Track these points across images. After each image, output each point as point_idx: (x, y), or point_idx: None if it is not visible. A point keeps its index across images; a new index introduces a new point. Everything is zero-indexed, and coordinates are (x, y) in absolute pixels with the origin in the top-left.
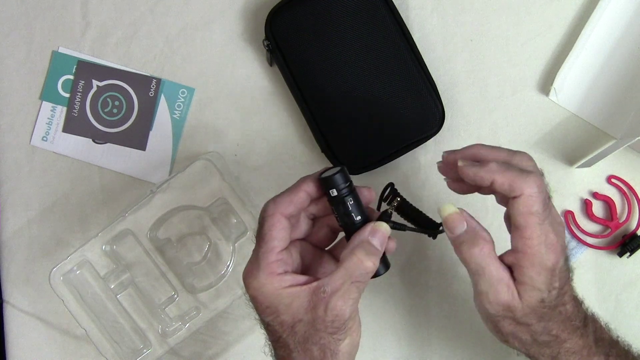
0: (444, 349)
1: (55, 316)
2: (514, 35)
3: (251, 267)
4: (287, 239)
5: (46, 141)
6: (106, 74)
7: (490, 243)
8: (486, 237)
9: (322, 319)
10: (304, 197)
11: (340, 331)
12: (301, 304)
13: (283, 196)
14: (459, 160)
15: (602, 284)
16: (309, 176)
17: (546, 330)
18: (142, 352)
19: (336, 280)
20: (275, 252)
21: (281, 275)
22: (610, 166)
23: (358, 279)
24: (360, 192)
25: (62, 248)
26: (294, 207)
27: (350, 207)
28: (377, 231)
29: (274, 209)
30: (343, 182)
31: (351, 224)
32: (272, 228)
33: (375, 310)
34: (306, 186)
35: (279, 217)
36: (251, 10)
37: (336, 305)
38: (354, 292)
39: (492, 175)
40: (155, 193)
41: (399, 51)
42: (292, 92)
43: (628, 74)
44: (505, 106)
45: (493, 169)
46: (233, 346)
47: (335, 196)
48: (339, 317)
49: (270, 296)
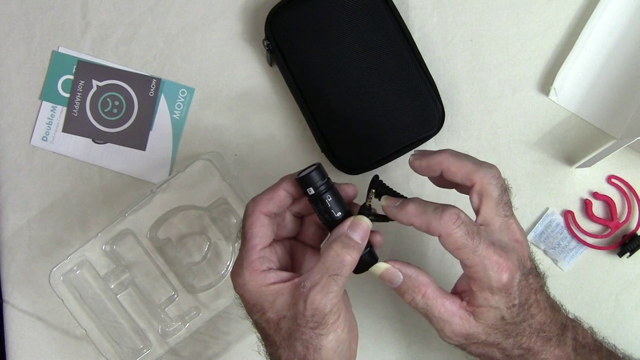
0: (444, 349)
1: (55, 316)
2: (514, 35)
3: (236, 266)
4: (268, 236)
5: (46, 141)
6: (106, 74)
7: (430, 284)
8: (423, 280)
9: (302, 314)
10: (283, 195)
11: (322, 326)
12: (285, 300)
13: (262, 195)
14: (382, 199)
15: (602, 284)
16: (289, 175)
17: (516, 344)
18: (142, 352)
19: (315, 274)
20: (256, 250)
21: (264, 272)
22: (610, 166)
23: (335, 272)
24: (342, 189)
25: (62, 248)
26: (274, 204)
27: (329, 204)
28: (356, 225)
29: (253, 207)
30: (320, 179)
31: (332, 220)
32: (252, 226)
33: (375, 311)
34: (285, 185)
35: (258, 215)
36: (251, 10)
37: (314, 299)
38: (332, 285)
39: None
40: (155, 193)
41: (399, 51)
42: (292, 92)
43: (628, 74)
44: (505, 106)
45: (410, 212)
46: (233, 346)
47: (313, 194)
48: (318, 311)
49: (255, 293)
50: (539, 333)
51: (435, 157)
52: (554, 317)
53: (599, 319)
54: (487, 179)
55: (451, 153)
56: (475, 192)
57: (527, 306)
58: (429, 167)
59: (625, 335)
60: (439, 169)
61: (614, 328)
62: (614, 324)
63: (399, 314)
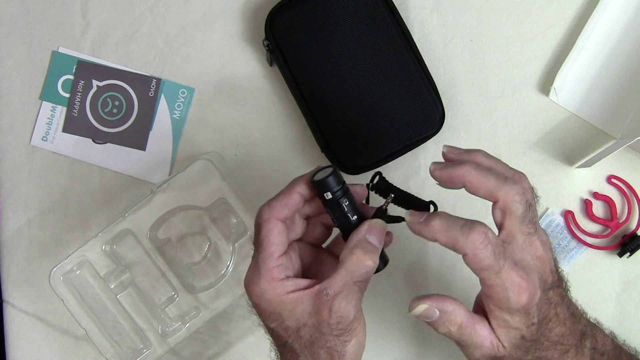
0: (444, 348)
1: (55, 316)
2: (514, 35)
3: (252, 275)
4: (285, 242)
5: (46, 141)
6: (106, 74)
7: (464, 315)
8: (460, 312)
9: (327, 322)
10: (297, 199)
11: (346, 333)
12: (305, 308)
13: (277, 200)
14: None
15: (602, 284)
16: (301, 178)
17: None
18: (142, 352)
19: (338, 281)
20: (274, 258)
21: (283, 281)
22: (610, 166)
23: (359, 279)
24: (354, 190)
25: (62, 248)
26: (289, 210)
27: (345, 209)
28: (374, 229)
29: (269, 213)
30: (337, 184)
31: (348, 224)
32: (269, 233)
33: (376, 311)
34: (299, 188)
35: (275, 222)
36: (251, 10)
37: (340, 307)
38: (356, 292)
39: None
40: (155, 193)
41: (399, 51)
42: (292, 92)
43: (628, 74)
44: (505, 106)
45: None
46: (233, 346)
47: (329, 199)
48: (344, 318)
49: (273, 302)
50: (557, 346)
51: (457, 169)
52: (574, 327)
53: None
54: (510, 196)
55: (474, 167)
56: (499, 208)
57: (546, 322)
58: (450, 180)
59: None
60: (460, 182)
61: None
62: (614, 324)
63: (399, 314)
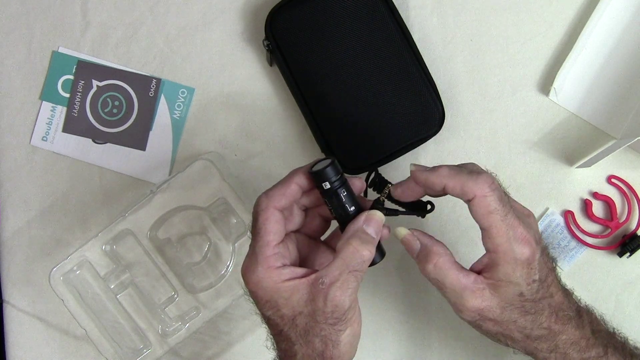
0: (444, 349)
1: (55, 316)
2: (514, 35)
3: (249, 262)
4: (282, 231)
5: (46, 141)
6: (106, 74)
7: (445, 255)
8: (439, 250)
9: (322, 311)
10: (295, 189)
11: (341, 322)
12: (301, 296)
13: (275, 189)
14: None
15: (602, 284)
16: (300, 169)
17: (536, 323)
18: (142, 352)
19: (334, 270)
20: (271, 246)
21: (279, 269)
22: (610, 166)
23: (355, 268)
24: (352, 183)
25: (62, 248)
26: (286, 199)
27: (343, 199)
28: (371, 219)
29: (267, 202)
30: (335, 174)
31: (345, 215)
32: (266, 222)
33: (375, 310)
34: (297, 179)
35: (273, 211)
36: (251, 10)
37: (335, 295)
38: (352, 281)
39: (442, 180)
40: (155, 193)
41: (398, 51)
42: (292, 92)
43: (628, 74)
44: (505, 106)
45: (443, 173)
46: (233, 346)
47: (328, 189)
48: (339, 307)
49: (270, 290)
50: (559, 313)
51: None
52: (570, 299)
53: None
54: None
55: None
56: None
57: (547, 284)
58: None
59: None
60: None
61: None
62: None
63: (399, 314)
